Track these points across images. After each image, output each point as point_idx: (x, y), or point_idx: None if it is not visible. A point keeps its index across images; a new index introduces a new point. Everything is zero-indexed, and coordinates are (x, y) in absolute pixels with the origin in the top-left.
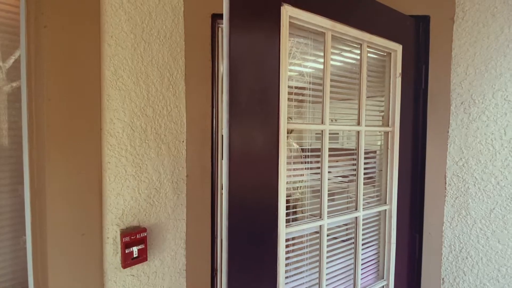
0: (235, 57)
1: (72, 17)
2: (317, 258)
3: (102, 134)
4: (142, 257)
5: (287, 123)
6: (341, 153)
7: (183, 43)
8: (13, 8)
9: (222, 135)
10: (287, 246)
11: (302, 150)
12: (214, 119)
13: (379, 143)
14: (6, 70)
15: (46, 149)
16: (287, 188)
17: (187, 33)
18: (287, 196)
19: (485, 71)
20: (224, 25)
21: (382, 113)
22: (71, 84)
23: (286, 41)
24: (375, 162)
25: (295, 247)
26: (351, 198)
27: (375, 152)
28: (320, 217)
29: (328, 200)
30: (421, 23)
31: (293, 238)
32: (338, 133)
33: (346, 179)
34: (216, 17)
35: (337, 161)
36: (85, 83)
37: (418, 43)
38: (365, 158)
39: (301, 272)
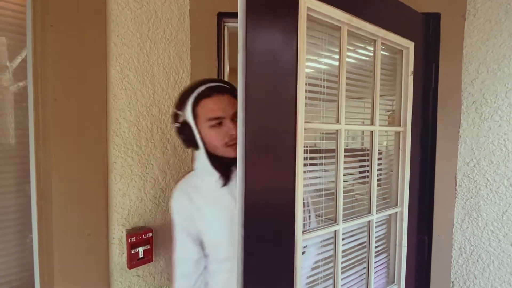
0: (251, 51)
1: (78, 16)
2: (331, 264)
3: (108, 134)
4: (148, 257)
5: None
6: (350, 154)
7: (189, 42)
8: (19, 8)
9: None
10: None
11: (314, 151)
12: None
13: (385, 143)
14: (13, 70)
15: (53, 149)
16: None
17: (193, 31)
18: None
19: (497, 69)
20: (240, 17)
21: (388, 113)
22: (77, 83)
23: (304, 34)
24: (380, 164)
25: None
26: (360, 200)
27: (380, 152)
28: (335, 222)
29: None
30: (431, 21)
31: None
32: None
33: (354, 181)
34: (222, 16)
35: (344, 162)
36: (91, 82)
37: (428, 41)
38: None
39: (315, 280)
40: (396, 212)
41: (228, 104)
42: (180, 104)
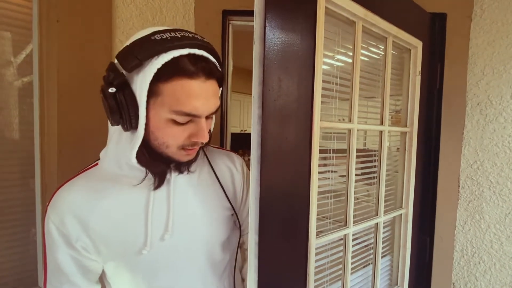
0: (270, 42)
1: (84, 12)
2: (339, 267)
3: None
4: None
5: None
6: (357, 154)
7: None
8: (25, 3)
9: (231, 133)
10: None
11: (321, 151)
12: (223, 116)
13: (388, 143)
14: (17, 65)
15: (57, 144)
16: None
17: (198, 29)
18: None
19: (503, 71)
20: (258, 7)
21: (393, 113)
22: (82, 79)
23: (322, 28)
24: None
25: (317, 257)
26: (365, 202)
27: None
28: (346, 225)
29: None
30: (438, 21)
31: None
32: (345, 133)
33: (359, 182)
34: (227, 13)
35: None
36: (96, 78)
37: (434, 41)
38: (375, 160)
39: (322, 283)
40: (401, 214)
41: (213, 95)
42: (132, 56)
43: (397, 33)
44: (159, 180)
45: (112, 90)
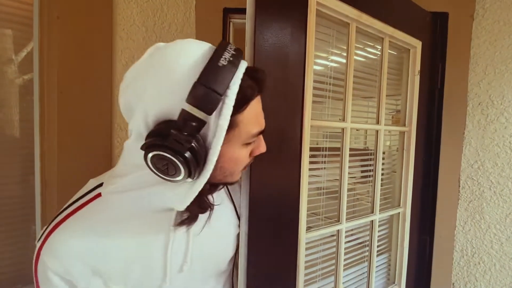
0: (260, 45)
1: (85, 9)
2: (332, 262)
3: (112, 128)
4: None
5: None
6: (353, 153)
7: (194, 37)
8: None
9: None
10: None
11: (316, 149)
12: None
13: (388, 143)
14: (18, 63)
15: (57, 141)
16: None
17: (198, 27)
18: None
19: (505, 71)
20: (248, 11)
21: (393, 113)
22: (83, 76)
23: (313, 30)
24: (383, 164)
25: (308, 252)
26: (362, 200)
27: (383, 152)
28: (338, 221)
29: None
30: (439, 20)
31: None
32: (341, 132)
33: (356, 180)
34: (228, 11)
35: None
36: (96, 75)
37: (436, 40)
38: (373, 159)
39: (313, 278)
40: (399, 213)
41: None
42: (212, 95)
43: (393, 33)
44: (192, 219)
45: (193, 144)
